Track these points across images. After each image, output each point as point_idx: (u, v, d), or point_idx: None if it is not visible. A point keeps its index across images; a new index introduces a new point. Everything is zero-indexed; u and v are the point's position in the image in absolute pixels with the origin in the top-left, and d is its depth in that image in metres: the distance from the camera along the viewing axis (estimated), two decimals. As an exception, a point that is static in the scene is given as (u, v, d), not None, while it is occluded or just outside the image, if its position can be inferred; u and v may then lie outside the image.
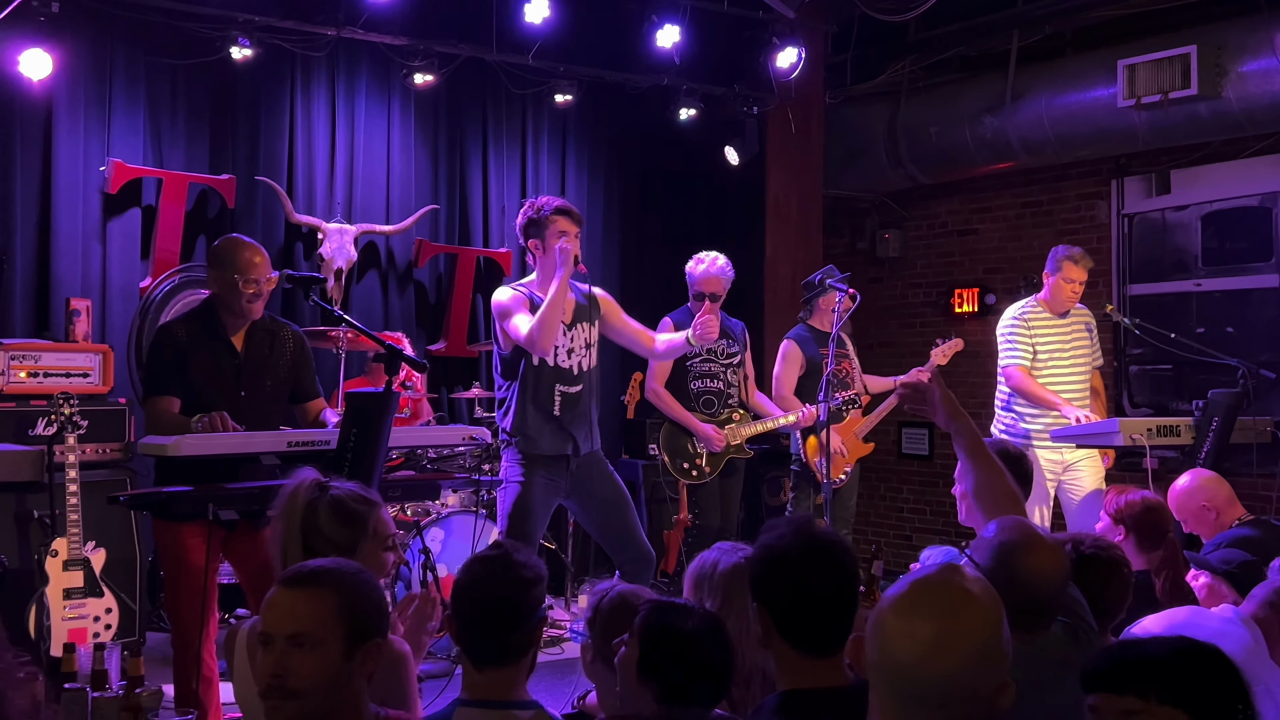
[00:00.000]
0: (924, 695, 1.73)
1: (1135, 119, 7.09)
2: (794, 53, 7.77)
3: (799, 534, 2.28)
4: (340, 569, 2.21)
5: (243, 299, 4.20)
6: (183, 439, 3.71)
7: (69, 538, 5.07)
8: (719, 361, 6.26)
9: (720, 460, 6.25)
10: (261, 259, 4.26)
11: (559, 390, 4.93)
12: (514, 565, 2.47)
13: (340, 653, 2.11)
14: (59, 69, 6.07)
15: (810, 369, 6.43)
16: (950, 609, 1.75)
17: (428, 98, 7.53)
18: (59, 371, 5.75)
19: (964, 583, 1.81)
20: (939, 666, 1.72)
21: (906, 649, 1.73)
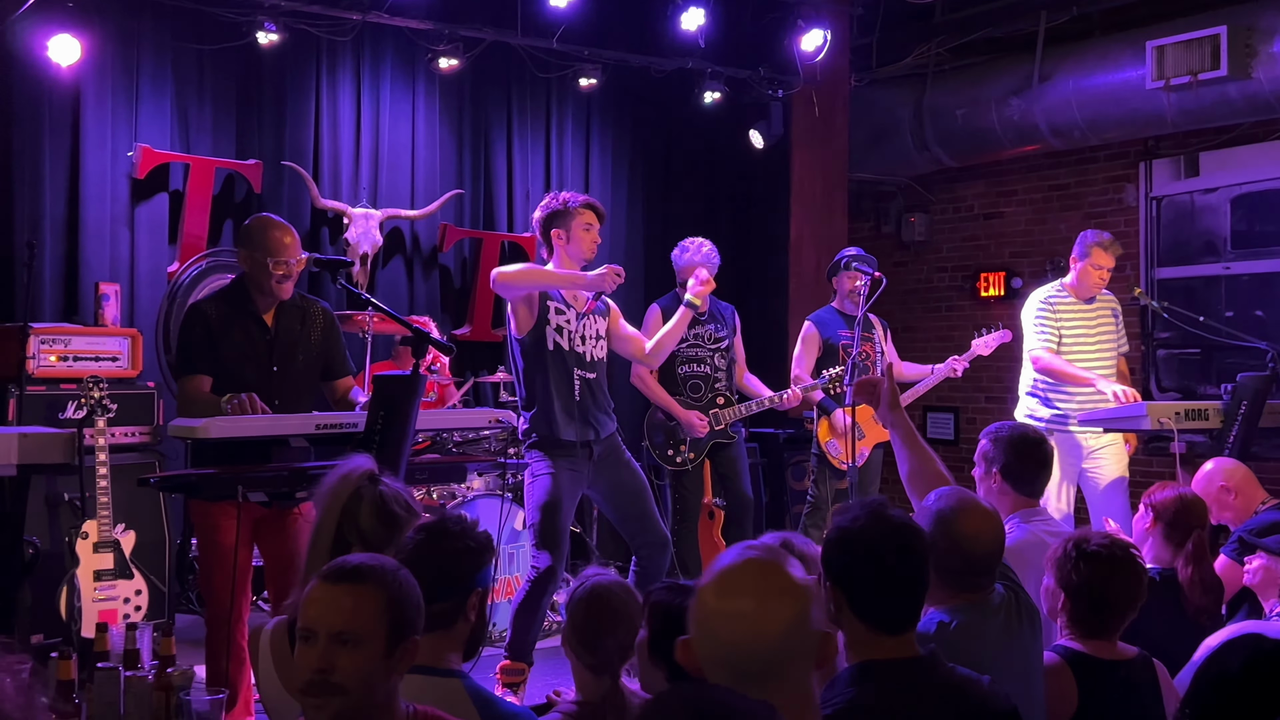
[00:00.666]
0: (749, 668, 1.82)
1: (1164, 101, 7.03)
2: (819, 35, 7.74)
3: (873, 515, 2.35)
4: (384, 566, 2.21)
5: (272, 279, 4.23)
6: (212, 421, 3.74)
7: (99, 520, 5.12)
8: (706, 346, 6.28)
9: (704, 446, 6.26)
10: (292, 239, 4.29)
11: (578, 375, 4.96)
12: (448, 535, 2.56)
13: (382, 650, 2.11)
14: (87, 55, 6.11)
15: (826, 351, 6.44)
16: (763, 586, 1.87)
17: (452, 82, 7.54)
18: (88, 355, 5.79)
19: (771, 557, 1.93)
20: (760, 642, 1.83)
21: (728, 626, 1.84)
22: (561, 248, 4.99)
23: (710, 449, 6.31)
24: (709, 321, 6.30)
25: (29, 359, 5.49)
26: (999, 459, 3.65)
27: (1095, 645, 2.89)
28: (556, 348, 4.92)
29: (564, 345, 4.93)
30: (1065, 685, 2.83)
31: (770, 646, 1.83)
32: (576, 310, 5.00)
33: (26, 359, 5.45)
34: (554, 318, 4.93)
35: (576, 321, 4.99)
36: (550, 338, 4.92)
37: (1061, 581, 2.91)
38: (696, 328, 6.27)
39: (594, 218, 5.00)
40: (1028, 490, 3.67)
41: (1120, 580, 2.90)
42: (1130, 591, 2.91)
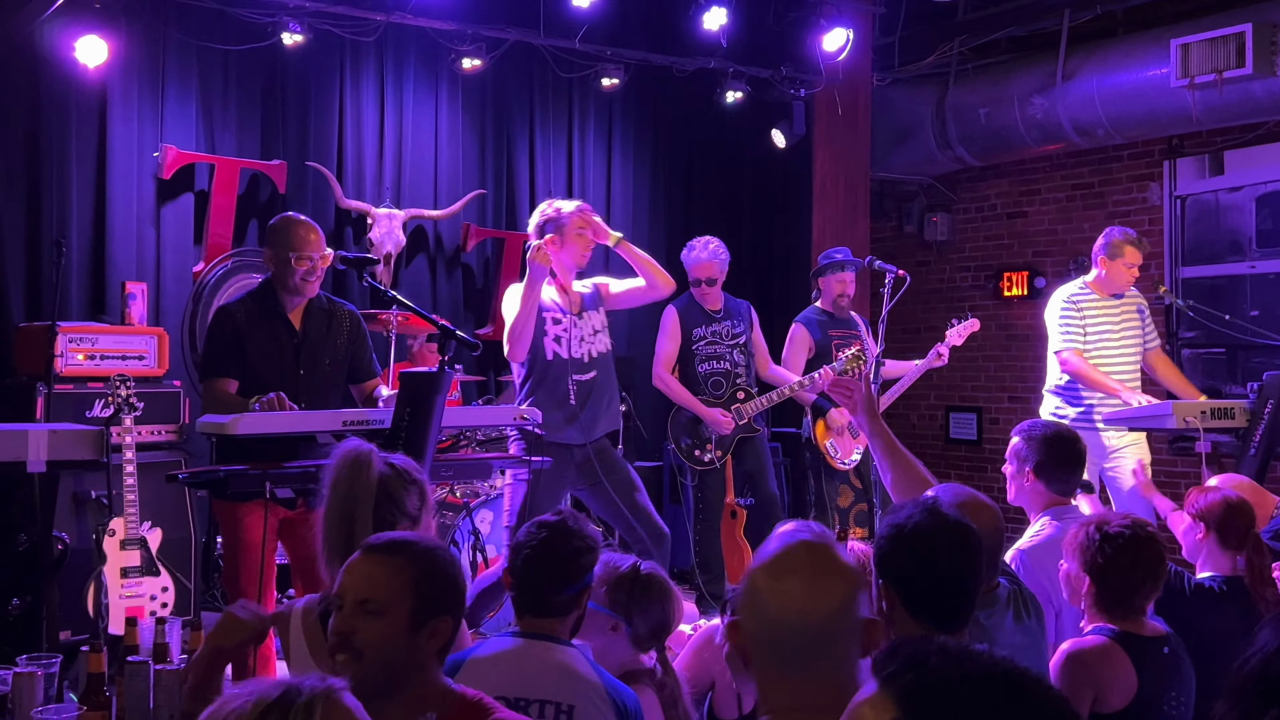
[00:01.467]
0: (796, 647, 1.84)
1: (1188, 99, 7.00)
2: (842, 34, 7.74)
3: (928, 513, 2.37)
4: (421, 542, 2.25)
5: (297, 275, 4.26)
6: (240, 417, 3.76)
7: (126, 517, 5.15)
8: (724, 343, 6.30)
9: (730, 442, 6.28)
10: (316, 236, 4.32)
11: (574, 380, 5.00)
12: (569, 534, 2.69)
13: (405, 623, 2.15)
14: (114, 56, 6.15)
15: (818, 351, 6.45)
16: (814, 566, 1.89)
17: (475, 82, 7.57)
18: (115, 354, 5.83)
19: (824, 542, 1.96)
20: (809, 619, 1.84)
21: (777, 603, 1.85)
22: (554, 251, 5.02)
23: (735, 445, 6.31)
24: (725, 318, 6.31)
25: (57, 357, 5.53)
26: (1032, 457, 3.65)
27: (1132, 624, 2.89)
28: (555, 358, 4.99)
29: (563, 354, 4.99)
30: (1120, 665, 2.82)
31: (818, 625, 1.84)
32: (573, 314, 5.03)
33: (54, 357, 5.49)
34: (551, 328, 5.00)
35: (574, 326, 5.02)
36: (549, 349, 4.99)
37: (1086, 566, 2.93)
38: (714, 325, 6.30)
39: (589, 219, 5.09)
40: (1060, 488, 3.67)
41: (1146, 558, 2.93)
42: (1156, 569, 2.95)
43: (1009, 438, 3.84)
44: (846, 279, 6.54)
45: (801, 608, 1.84)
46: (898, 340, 8.23)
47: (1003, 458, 3.86)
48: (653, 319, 8.33)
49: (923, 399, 7.55)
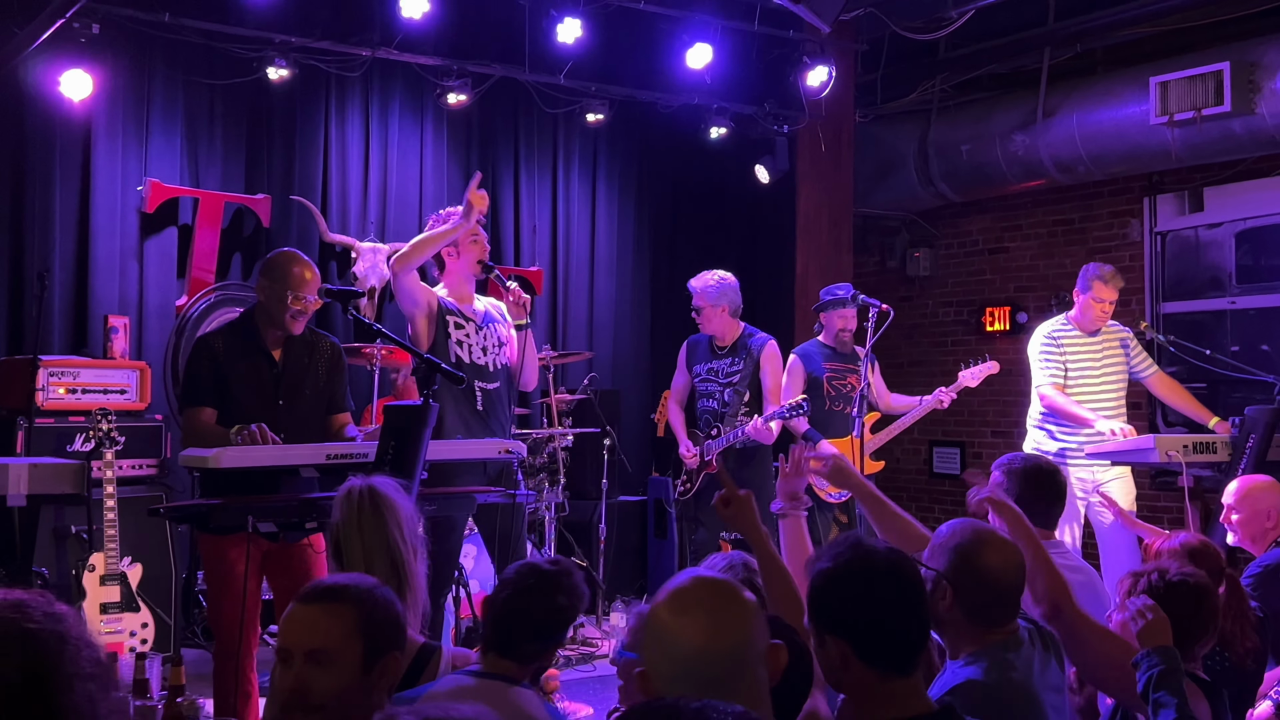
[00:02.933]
0: (707, 679, 1.83)
1: (1168, 136, 7.06)
2: (825, 71, 7.80)
3: (854, 549, 2.22)
4: (359, 584, 2.22)
5: (287, 314, 4.24)
6: (223, 451, 3.74)
7: (106, 552, 5.11)
8: (718, 381, 6.30)
9: (696, 476, 6.30)
10: (313, 276, 4.31)
11: (479, 386, 4.95)
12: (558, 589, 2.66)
13: (358, 668, 2.12)
14: (99, 90, 6.15)
15: (810, 384, 6.44)
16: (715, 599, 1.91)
17: (460, 117, 7.60)
18: (97, 388, 5.81)
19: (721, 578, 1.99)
20: (718, 650, 1.85)
21: (688, 639, 1.87)
22: (451, 261, 5.01)
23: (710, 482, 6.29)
24: (726, 355, 6.30)
25: (38, 391, 5.50)
26: (1013, 490, 3.63)
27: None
28: (458, 361, 4.91)
29: (464, 358, 4.94)
30: (1200, 710, 2.78)
31: (727, 654, 1.86)
32: (475, 323, 5.02)
33: (36, 391, 5.46)
34: (454, 332, 4.95)
35: (476, 333, 5.01)
36: (452, 351, 4.92)
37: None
38: (714, 361, 6.31)
39: (479, 228, 5.04)
40: (1042, 521, 3.65)
41: (1206, 608, 2.90)
42: (1211, 621, 2.92)
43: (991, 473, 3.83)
44: (848, 315, 6.53)
45: (708, 639, 1.86)
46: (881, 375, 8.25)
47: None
48: (637, 353, 8.36)
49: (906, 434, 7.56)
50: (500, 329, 5.10)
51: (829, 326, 6.62)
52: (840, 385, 6.44)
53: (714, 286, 6.25)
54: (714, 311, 6.25)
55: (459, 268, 5.02)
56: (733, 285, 6.30)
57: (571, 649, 6.26)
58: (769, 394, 6.30)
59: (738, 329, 6.32)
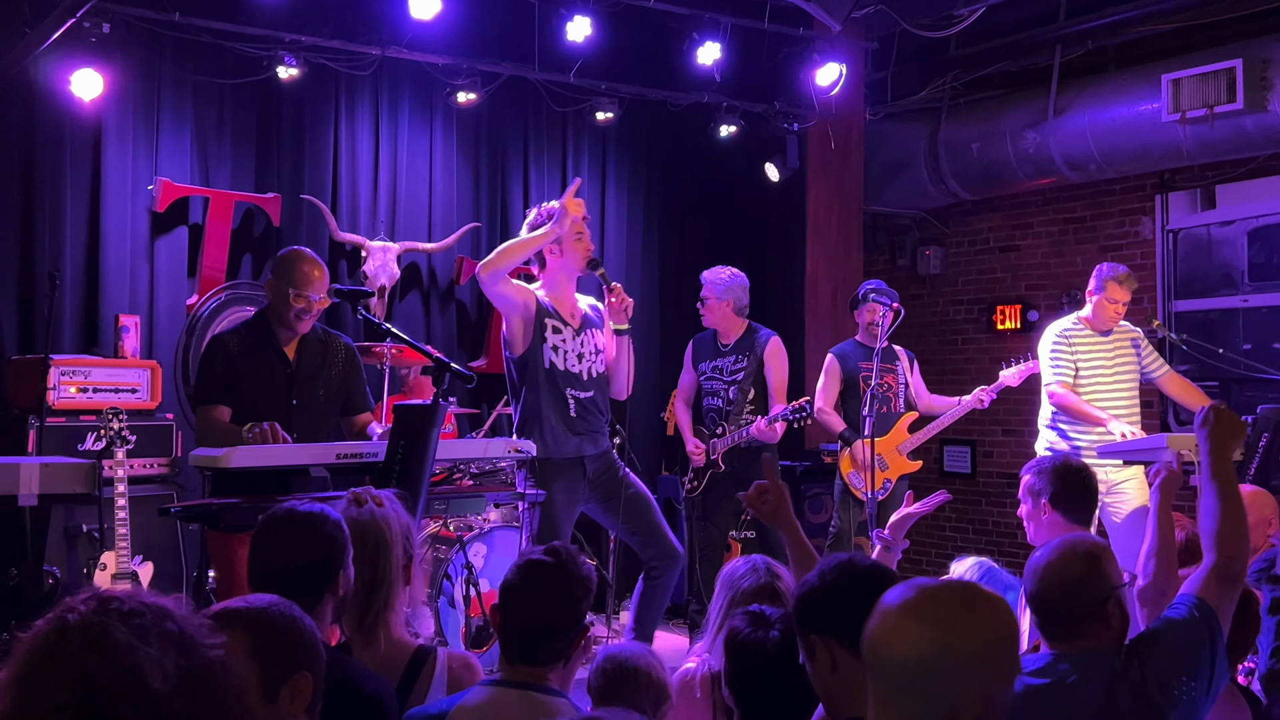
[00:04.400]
0: (923, 690, 1.74)
1: (1180, 134, 7.04)
2: (835, 69, 7.78)
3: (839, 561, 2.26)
4: (252, 608, 2.07)
5: (292, 312, 4.26)
6: (233, 451, 3.75)
7: (117, 551, 5.13)
8: (722, 379, 6.32)
9: (703, 474, 6.28)
10: (320, 275, 4.32)
11: (571, 394, 4.93)
12: (566, 579, 2.55)
13: (258, 698, 1.93)
14: (109, 89, 6.17)
15: (848, 383, 6.45)
16: (953, 613, 1.77)
17: (469, 116, 7.60)
18: (108, 387, 5.83)
19: (972, 590, 1.84)
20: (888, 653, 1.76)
21: (905, 649, 1.75)
22: (553, 259, 4.97)
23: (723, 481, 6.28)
24: (732, 352, 6.31)
25: (49, 390, 5.52)
26: (1047, 489, 3.65)
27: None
28: (552, 367, 4.89)
29: (559, 364, 4.90)
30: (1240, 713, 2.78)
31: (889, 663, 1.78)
32: (573, 328, 4.99)
33: (47, 390, 5.48)
34: (550, 336, 4.93)
35: (574, 339, 4.98)
36: (546, 357, 4.89)
37: None
38: (718, 359, 6.31)
39: (583, 225, 4.97)
40: (1078, 518, 3.68)
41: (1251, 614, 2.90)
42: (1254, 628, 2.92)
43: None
44: (874, 307, 6.52)
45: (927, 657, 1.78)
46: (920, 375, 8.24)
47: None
48: (646, 352, 8.36)
49: (917, 432, 7.65)
50: (598, 335, 5.04)
51: (860, 322, 6.64)
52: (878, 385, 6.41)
53: (723, 280, 6.27)
54: (718, 305, 6.26)
55: (561, 265, 4.96)
56: (742, 282, 6.31)
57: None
58: (774, 391, 6.29)
59: (742, 326, 6.32)
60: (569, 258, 4.95)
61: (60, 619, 1.38)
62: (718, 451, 6.24)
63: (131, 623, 1.38)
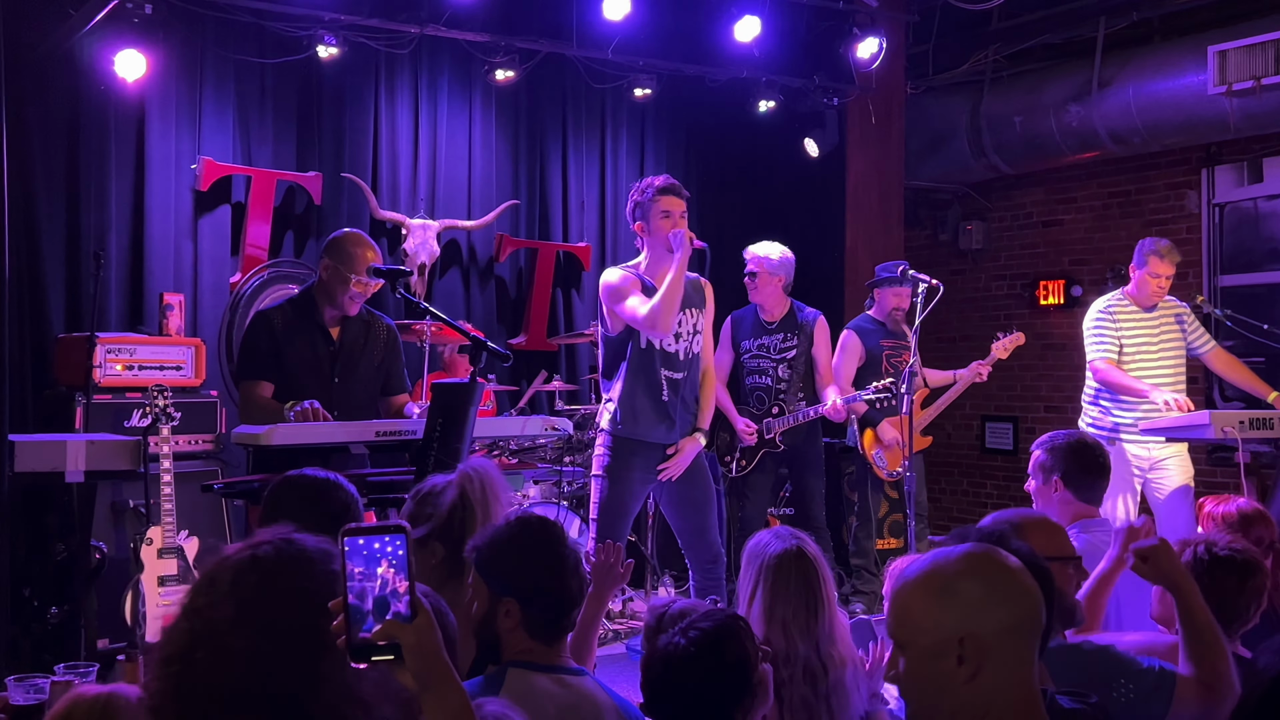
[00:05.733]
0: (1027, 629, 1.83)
1: (1226, 106, 6.95)
2: (875, 43, 7.72)
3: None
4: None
5: (348, 294, 4.30)
6: (275, 428, 3.80)
7: (163, 526, 5.19)
8: (770, 357, 6.27)
9: (754, 454, 6.24)
10: (375, 256, 4.37)
11: (665, 375, 4.83)
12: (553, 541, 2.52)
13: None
14: (152, 70, 6.21)
15: (869, 360, 6.43)
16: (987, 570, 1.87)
17: (508, 94, 7.61)
18: (153, 364, 5.89)
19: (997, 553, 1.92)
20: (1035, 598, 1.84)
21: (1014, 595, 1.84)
22: (646, 240, 4.86)
23: (769, 460, 6.28)
24: (777, 330, 6.28)
25: (95, 368, 5.59)
26: (1058, 467, 3.63)
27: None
28: (649, 346, 4.80)
29: (656, 344, 4.80)
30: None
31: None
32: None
33: (93, 368, 5.56)
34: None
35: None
36: (644, 336, 4.78)
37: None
38: (764, 337, 6.28)
39: (672, 201, 4.80)
40: (1088, 496, 3.65)
41: (1252, 585, 2.88)
42: (1256, 599, 2.89)
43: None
44: (902, 293, 6.51)
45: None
46: (931, 351, 8.17)
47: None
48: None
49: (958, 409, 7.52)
50: (698, 315, 4.93)
51: (882, 303, 6.60)
52: (898, 362, 6.42)
53: (776, 257, 6.21)
54: (770, 280, 6.20)
55: (651, 246, 4.86)
56: (792, 260, 6.29)
57: (620, 623, 6.27)
58: (824, 371, 6.29)
59: (786, 304, 6.30)
60: (656, 238, 4.81)
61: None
62: (774, 431, 6.22)
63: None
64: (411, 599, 1.57)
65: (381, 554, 1.56)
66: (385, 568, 1.56)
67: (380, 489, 3.86)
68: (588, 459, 6.45)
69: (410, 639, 1.56)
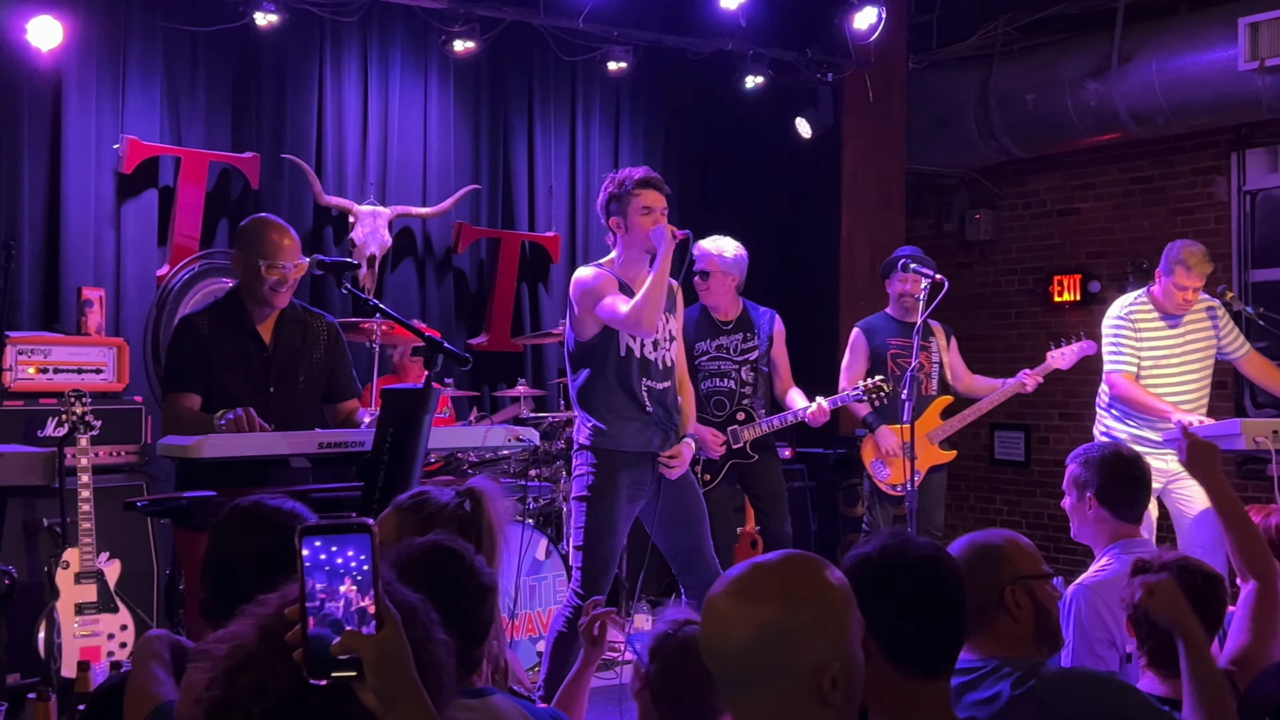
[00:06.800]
0: (727, 675, 1.88)
1: (1258, 84, 6.98)
2: (873, 12, 7.73)
3: (893, 541, 2.30)
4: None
5: (265, 285, 4.26)
6: (205, 440, 3.75)
7: (81, 548, 5.14)
8: (731, 359, 6.23)
9: (720, 467, 6.21)
10: (290, 242, 4.31)
11: (645, 385, 4.82)
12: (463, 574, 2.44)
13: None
14: (70, 38, 6.17)
15: (875, 361, 6.41)
16: (742, 585, 1.91)
17: (468, 67, 7.58)
18: (70, 367, 5.84)
19: (787, 561, 1.95)
20: (718, 644, 1.87)
21: (741, 633, 1.87)
22: (622, 238, 4.84)
23: (734, 472, 6.25)
24: (736, 330, 6.26)
25: (5, 371, 5.54)
26: (1094, 481, 3.62)
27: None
28: (629, 354, 4.80)
29: (637, 352, 4.80)
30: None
31: (727, 653, 1.87)
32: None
33: (2, 371, 5.50)
34: None
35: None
36: (623, 343, 4.78)
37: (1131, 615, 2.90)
38: (721, 338, 6.24)
39: (654, 197, 4.78)
40: (1128, 515, 3.64)
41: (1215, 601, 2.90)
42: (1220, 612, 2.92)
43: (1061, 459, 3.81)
44: (910, 277, 6.48)
45: (714, 630, 1.92)
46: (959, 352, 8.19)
47: (1053, 480, 3.84)
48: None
49: (964, 416, 7.59)
50: (671, 319, 4.92)
51: (891, 293, 6.58)
52: (906, 364, 6.38)
53: (732, 255, 6.18)
54: (724, 279, 6.18)
55: (628, 243, 4.82)
56: (746, 258, 6.26)
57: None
58: (784, 375, 6.32)
59: (740, 304, 6.30)
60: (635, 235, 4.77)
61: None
62: (744, 439, 6.18)
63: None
64: (377, 608, 1.54)
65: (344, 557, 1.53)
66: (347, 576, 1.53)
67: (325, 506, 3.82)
68: (555, 472, 6.42)
69: (371, 653, 1.52)
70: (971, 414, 6.61)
